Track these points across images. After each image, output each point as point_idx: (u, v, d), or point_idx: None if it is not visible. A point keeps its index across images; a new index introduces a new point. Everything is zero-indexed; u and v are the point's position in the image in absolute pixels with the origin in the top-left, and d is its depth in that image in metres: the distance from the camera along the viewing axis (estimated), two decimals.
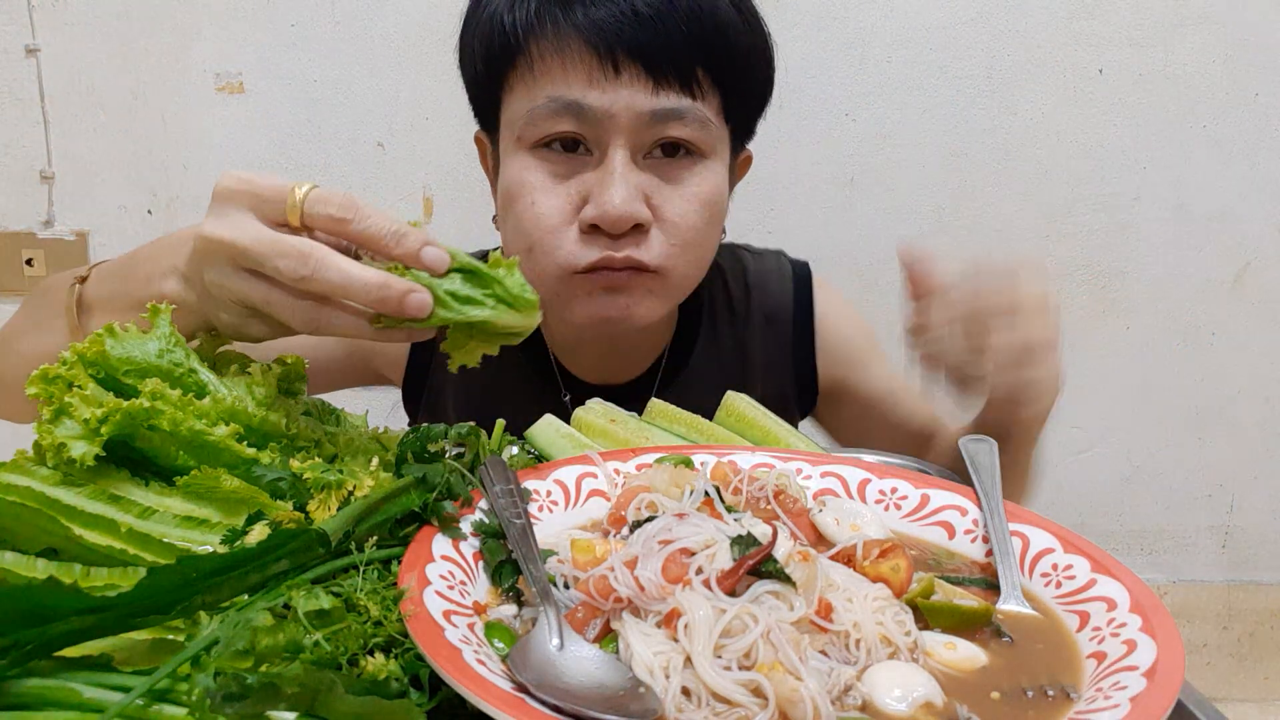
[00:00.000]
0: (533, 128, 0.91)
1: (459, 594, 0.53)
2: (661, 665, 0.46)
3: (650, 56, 0.87)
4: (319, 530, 0.53)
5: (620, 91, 0.88)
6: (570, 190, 0.91)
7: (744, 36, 0.93)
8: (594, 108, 0.88)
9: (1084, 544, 0.61)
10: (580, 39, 0.87)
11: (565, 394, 1.11)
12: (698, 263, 0.98)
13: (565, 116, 0.89)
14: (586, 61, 0.88)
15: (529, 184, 0.92)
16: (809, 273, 1.20)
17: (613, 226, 0.89)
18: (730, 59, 0.92)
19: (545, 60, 0.89)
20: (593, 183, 0.90)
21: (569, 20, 0.88)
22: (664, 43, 0.87)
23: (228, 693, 0.41)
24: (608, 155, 0.90)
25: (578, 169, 0.91)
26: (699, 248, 0.96)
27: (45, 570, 0.57)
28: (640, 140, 0.90)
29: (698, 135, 0.92)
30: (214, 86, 1.71)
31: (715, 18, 0.90)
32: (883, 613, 0.52)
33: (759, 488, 0.66)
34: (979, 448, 0.73)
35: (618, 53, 0.87)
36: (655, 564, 0.51)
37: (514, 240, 0.96)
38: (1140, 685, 0.45)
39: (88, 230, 1.76)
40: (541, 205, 0.91)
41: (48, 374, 0.67)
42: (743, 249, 1.22)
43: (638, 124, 0.89)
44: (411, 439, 0.68)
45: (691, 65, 0.89)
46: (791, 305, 1.17)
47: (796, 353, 1.17)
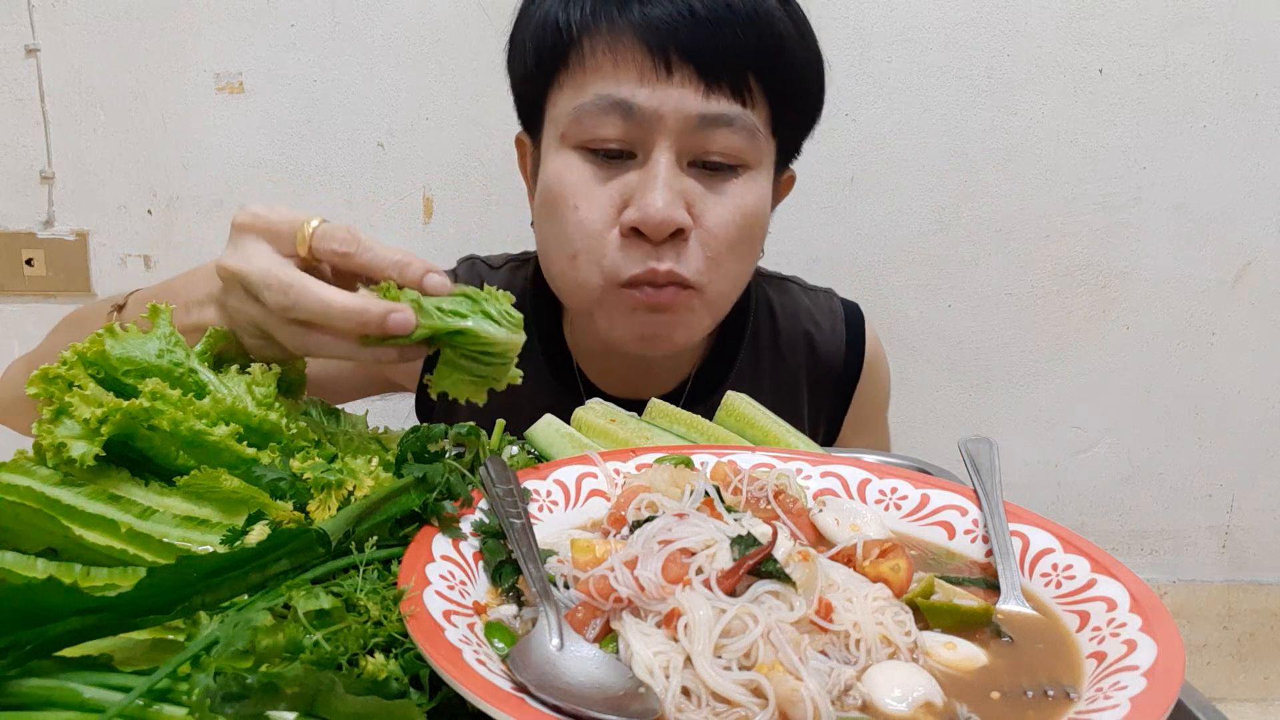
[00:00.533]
0: (578, 126, 0.90)
1: (459, 594, 0.53)
2: (661, 665, 0.46)
3: (704, 58, 0.86)
4: (319, 530, 0.53)
5: (670, 92, 0.87)
6: (612, 192, 0.90)
7: (799, 50, 0.93)
8: (643, 107, 0.87)
9: (1084, 544, 0.61)
10: (634, 36, 0.87)
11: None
12: (736, 279, 0.97)
13: (613, 115, 0.88)
14: (638, 59, 0.87)
15: (570, 184, 0.91)
16: (860, 315, 1.20)
17: (654, 231, 0.88)
18: (784, 70, 0.91)
19: (597, 57, 0.88)
20: (635, 184, 0.89)
21: (625, 17, 0.87)
22: (719, 45, 0.86)
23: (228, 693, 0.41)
24: (651, 157, 0.89)
25: (620, 171, 0.90)
26: (737, 262, 0.96)
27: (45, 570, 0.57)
28: (686, 144, 0.89)
29: (744, 145, 0.90)
30: (214, 86, 1.71)
31: (772, 27, 0.89)
32: (883, 613, 0.51)
33: (759, 488, 0.66)
34: (979, 447, 0.72)
35: (670, 52, 0.86)
36: (655, 564, 0.51)
37: (557, 246, 0.94)
38: (1140, 685, 0.45)
39: (88, 230, 1.76)
40: (584, 210, 0.90)
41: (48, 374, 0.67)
42: (794, 283, 1.22)
43: (685, 127, 0.88)
44: (411, 439, 0.68)
45: (744, 71, 0.88)
46: (843, 349, 1.17)
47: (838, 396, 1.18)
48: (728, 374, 1.12)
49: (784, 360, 1.16)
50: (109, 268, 1.78)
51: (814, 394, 1.17)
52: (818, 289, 1.23)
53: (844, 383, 1.18)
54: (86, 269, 1.77)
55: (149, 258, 1.78)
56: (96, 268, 1.78)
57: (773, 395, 1.13)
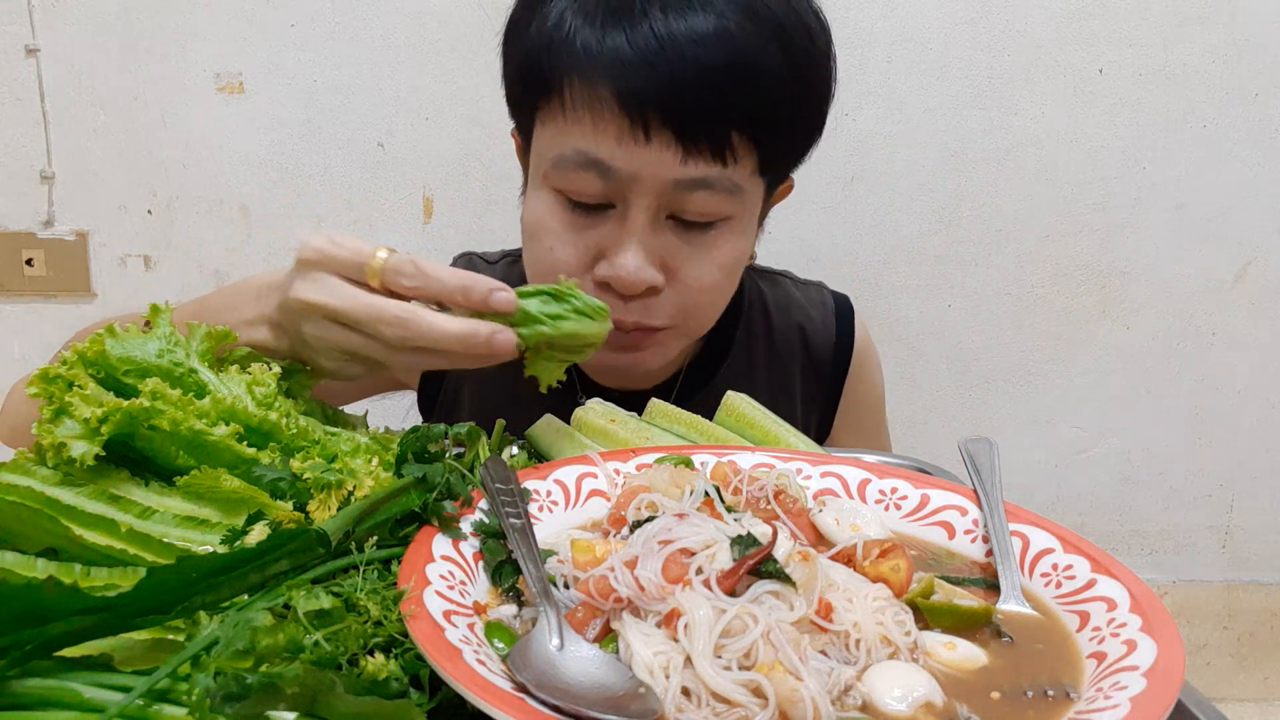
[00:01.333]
0: (558, 174, 0.89)
1: (459, 594, 0.53)
2: (661, 665, 0.46)
3: (682, 124, 0.84)
4: (319, 530, 0.53)
5: (648, 157, 0.85)
6: (589, 241, 0.90)
7: (794, 90, 0.89)
8: (620, 169, 0.86)
9: (1084, 544, 0.61)
10: (612, 94, 0.84)
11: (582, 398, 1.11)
12: (713, 315, 0.99)
13: (590, 172, 0.87)
14: (618, 121, 0.84)
15: (548, 227, 0.91)
16: (850, 307, 1.20)
17: (625, 289, 0.88)
18: (774, 119, 0.88)
19: (577, 108, 0.86)
20: (610, 238, 0.89)
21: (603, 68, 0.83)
22: (699, 110, 0.84)
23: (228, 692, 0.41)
24: (629, 215, 0.88)
25: (598, 222, 0.90)
26: (715, 305, 0.97)
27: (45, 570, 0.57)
28: (663, 203, 0.88)
29: (723, 203, 0.89)
30: (214, 86, 1.71)
31: (758, 80, 0.85)
32: (883, 613, 0.51)
33: (759, 488, 0.66)
34: (979, 447, 0.72)
35: (650, 116, 0.84)
36: (655, 564, 0.51)
37: (533, 273, 0.96)
38: (1140, 685, 0.45)
39: (88, 230, 1.76)
40: (558, 253, 0.90)
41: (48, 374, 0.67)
42: (785, 277, 1.22)
43: (662, 190, 0.87)
44: (411, 439, 0.68)
45: (726, 131, 0.85)
46: (834, 340, 1.17)
47: (830, 388, 1.18)
48: (720, 367, 1.13)
49: (778, 353, 1.16)
50: (109, 268, 1.78)
51: (807, 386, 1.18)
52: (809, 282, 1.23)
53: (835, 375, 1.18)
54: (86, 269, 1.77)
55: (149, 258, 1.78)
56: (96, 268, 1.78)
57: (767, 388, 1.13)
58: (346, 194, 1.77)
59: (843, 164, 1.82)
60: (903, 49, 1.76)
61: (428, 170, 1.78)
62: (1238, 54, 1.78)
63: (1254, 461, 2.03)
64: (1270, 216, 1.88)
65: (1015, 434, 1.97)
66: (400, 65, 1.72)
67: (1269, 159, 1.84)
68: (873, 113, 1.79)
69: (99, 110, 1.70)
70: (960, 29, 1.76)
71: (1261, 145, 1.83)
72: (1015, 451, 1.97)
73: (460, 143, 1.76)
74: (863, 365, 1.19)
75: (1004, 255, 1.88)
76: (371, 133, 1.75)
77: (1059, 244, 1.88)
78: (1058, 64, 1.78)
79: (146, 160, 1.73)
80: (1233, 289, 1.92)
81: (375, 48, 1.71)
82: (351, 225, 1.79)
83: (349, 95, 1.73)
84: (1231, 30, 1.77)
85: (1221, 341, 1.95)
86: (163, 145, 1.73)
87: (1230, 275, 1.91)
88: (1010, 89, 1.79)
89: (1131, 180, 1.84)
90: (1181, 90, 1.80)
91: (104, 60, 1.68)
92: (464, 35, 1.71)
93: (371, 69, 1.72)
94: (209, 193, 1.76)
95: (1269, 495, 2.06)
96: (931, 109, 1.79)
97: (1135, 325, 1.93)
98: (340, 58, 1.71)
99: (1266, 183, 1.86)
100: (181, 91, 1.71)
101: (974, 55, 1.77)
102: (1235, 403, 1.99)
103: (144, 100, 1.70)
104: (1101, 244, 1.88)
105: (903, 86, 1.78)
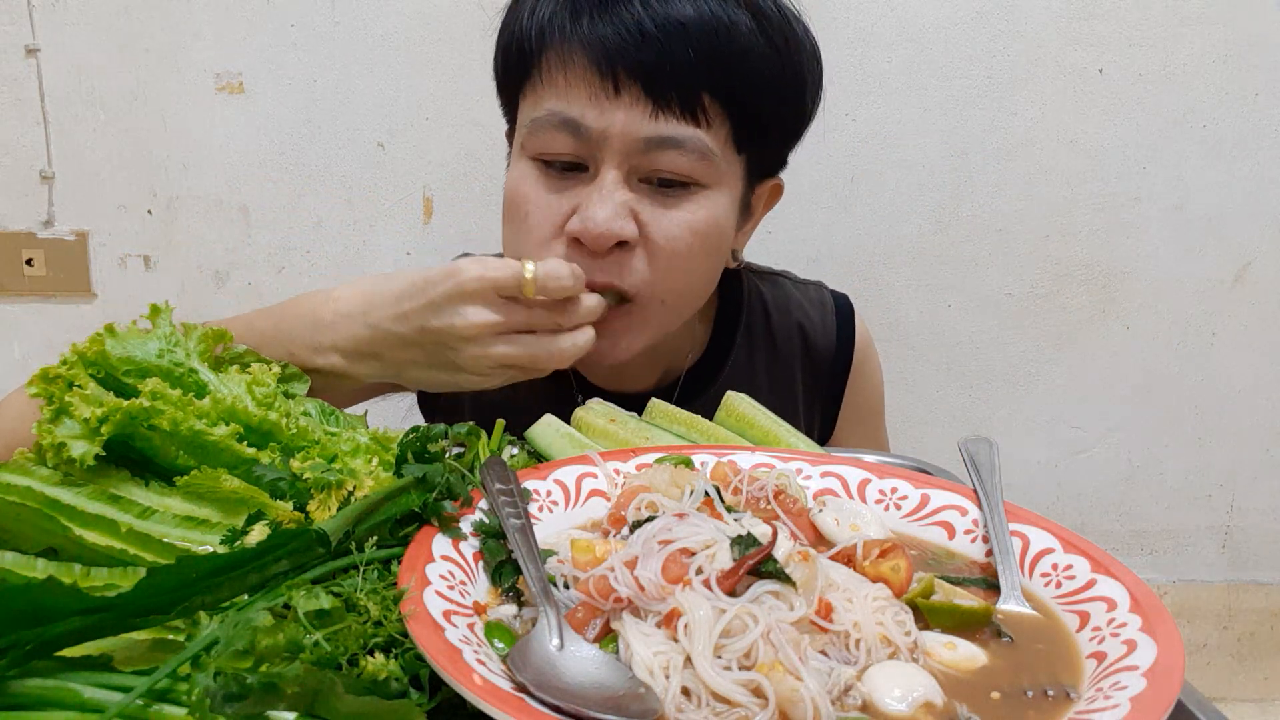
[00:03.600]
0: (534, 138, 0.91)
1: (459, 594, 0.52)
2: (661, 665, 0.46)
3: (650, 77, 0.85)
4: (319, 530, 0.53)
5: (618, 113, 0.86)
6: (563, 203, 0.90)
7: (767, 64, 0.89)
8: (590, 127, 0.87)
9: (1084, 544, 0.61)
10: (584, 54, 0.86)
11: (580, 398, 1.11)
12: (685, 292, 0.96)
13: (563, 132, 0.88)
14: (588, 77, 0.86)
15: (523, 194, 0.92)
16: (850, 307, 1.20)
17: (594, 242, 0.87)
18: (747, 86, 0.89)
19: (552, 72, 0.89)
20: (583, 196, 0.89)
21: (576, 34, 0.87)
22: (667, 63, 0.84)
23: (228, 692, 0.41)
24: (600, 172, 0.89)
25: (572, 184, 0.91)
26: (685, 275, 0.94)
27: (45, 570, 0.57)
28: (635, 163, 0.89)
29: (694, 166, 0.88)
30: (214, 86, 1.71)
31: (732, 42, 0.86)
32: (883, 613, 0.51)
33: (759, 488, 0.66)
34: (979, 447, 0.72)
35: (619, 70, 0.85)
36: (655, 564, 0.51)
37: (510, 252, 0.96)
38: (1140, 685, 0.45)
39: (88, 230, 1.76)
40: (533, 217, 0.91)
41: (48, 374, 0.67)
42: (785, 277, 1.22)
43: (632, 149, 0.87)
44: (411, 439, 0.68)
45: (696, 90, 0.86)
46: (834, 340, 1.17)
47: (831, 387, 1.18)
48: (722, 368, 1.12)
49: (779, 353, 1.16)
50: (109, 268, 1.78)
51: (808, 387, 1.17)
52: (808, 282, 1.23)
53: (836, 374, 1.18)
54: (86, 269, 1.77)
55: (149, 258, 1.78)
56: (96, 268, 1.78)
57: (769, 389, 1.13)
58: (346, 194, 1.78)
59: (843, 164, 1.82)
60: (903, 48, 1.77)
61: (428, 170, 1.78)
62: (1238, 54, 1.78)
63: (1254, 461, 2.03)
64: (1270, 216, 1.88)
65: (1015, 434, 1.97)
66: (400, 65, 1.72)
67: (1269, 159, 1.84)
68: (873, 113, 1.79)
69: (99, 110, 1.70)
70: (960, 29, 1.76)
71: (1261, 145, 1.83)
72: (1015, 451, 1.97)
73: (460, 143, 1.76)
74: (864, 364, 1.19)
75: (1004, 255, 1.88)
76: (371, 133, 1.75)
77: (1059, 244, 1.88)
78: (1058, 64, 1.78)
79: (146, 160, 1.73)
80: (1233, 289, 1.92)
81: (375, 48, 1.71)
82: (352, 225, 1.79)
83: (349, 95, 1.73)
84: (1231, 30, 1.77)
85: (1221, 341, 1.95)
86: (163, 145, 1.73)
87: (1230, 275, 1.91)
88: (1010, 89, 1.79)
89: (1131, 180, 1.84)
90: (1181, 90, 1.80)
91: (104, 60, 1.68)
92: (464, 35, 1.71)
93: (371, 69, 1.72)
94: (209, 193, 1.76)
95: (1269, 495, 2.06)
96: (931, 109, 1.79)
97: (1135, 325, 1.93)
98: (340, 58, 1.71)
99: (1266, 183, 1.86)
100: (181, 91, 1.71)
101: (974, 55, 1.77)
102: (1235, 403, 1.99)
103: (144, 100, 1.70)
104: (1101, 244, 1.88)
105: (903, 86, 1.78)
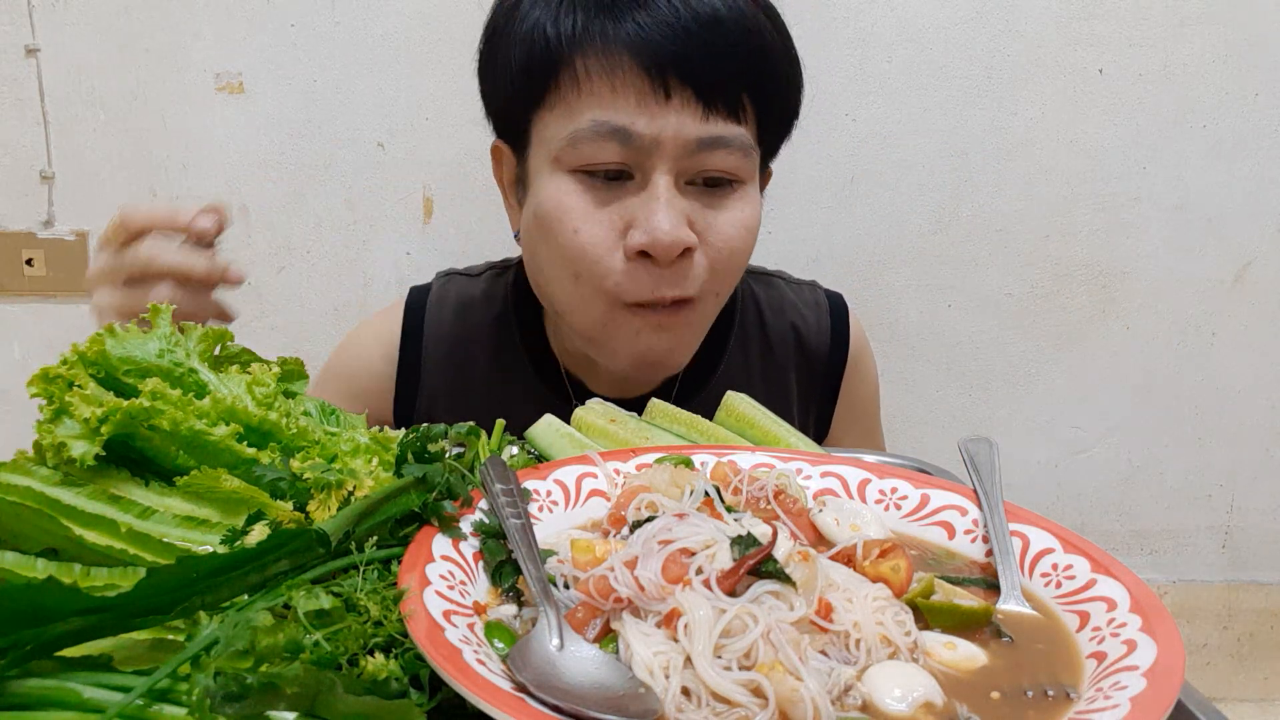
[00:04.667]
0: (573, 151, 0.88)
1: (459, 594, 0.52)
2: (661, 665, 0.46)
3: (701, 80, 0.85)
4: (319, 530, 0.53)
5: (669, 118, 0.85)
6: (613, 216, 0.89)
7: (782, 60, 0.92)
8: (642, 134, 0.85)
9: (1084, 544, 0.61)
10: (630, 57, 0.84)
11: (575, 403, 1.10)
12: (730, 289, 0.98)
13: (610, 142, 0.86)
14: (636, 83, 0.84)
15: (569, 208, 0.89)
16: (845, 307, 1.20)
17: (664, 253, 0.87)
18: (771, 83, 0.91)
19: (592, 79, 0.86)
20: (636, 208, 0.88)
21: (620, 35, 0.84)
22: (715, 65, 0.85)
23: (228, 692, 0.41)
24: (651, 181, 0.87)
25: (619, 194, 0.89)
26: (736, 273, 0.96)
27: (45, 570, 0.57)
28: (684, 166, 0.88)
29: (740, 163, 0.90)
30: (214, 86, 1.71)
31: (761, 39, 0.88)
32: (883, 613, 0.51)
33: (759, 488, 0.66)
34: (979, 447, 0.72)
35: (669, 74, 0.84)
36: (655, 564, 0.51)
37: (557, 267, 0.93)
38: (1140, 685, 0.45)
39: (88, 230, 1.76)
40: (585, 233, 0.89)
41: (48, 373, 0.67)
42: (779, 277, 1.22)
43: (684, 152, 0.87)
44: (412, 439, 0.68)
45: (739, 90, 0.87)
46: (828, 340, 1.17)
47: (825, 388, 1.17)
48: (716, 370, 1.12)
49: (773, 354, 1.16)
50: None
51: (803, 387, 1.17)
52: (802, 282, 1.23)
53: (830, 375, 1.17)
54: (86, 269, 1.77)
55: None
56: None
57: (763, 390, 1.13)
58: (346, 194, 1.77)
59: (843, 164, 1.81)
60: (903, 48, 1.76)
61: (428, 170, 1.77)
62: (1238, 54, 1.78)
63: (1254, 461, 2.03)
64: (1270, 216, 1.88)
65: (1015, 434, 1.97)
66: (400, 65, 1.72)
67: (1269, 159, 1.84)
68: (873, 113, 1.79)
69: (99, 110, 1.70)
70: (960, 29, 1.76)
71: (1261, 145, 1.83)
72: (1015, 451, 1.97)
73: (460, 143, 1.76)
74: (858, 363, 1.19)
75: (1004, 255, 1.88)
76: (371, 133, 1.75)
77: (1059, 244, 1.88)
78: (1058, 64, 1.78)
79: (146, 160, 1.73)
80: (1233, 289, 1.92)
81: (375, 48, 1.71)
82: (351, 225, 1.79)
83: (349, 95, 1.73)
84: (1231, 30, 1.77)
85: (1221, 341, 1.95)
86: (163, 145, 1.73)
87: (1230, 275, 1.91)
88: (1010, 89, 1.79)
89: (1131, 180, 1.84)
90: (1181, 90, 1.80)
91: (104, 60, 1.68)
92: (464, 35, 1.69)
93: (371, 69, 1.72)
94: (209, 193, 1.76)
95: (1269, 495, 2.06)
96: (931, 109, 1.79)
97: (1135, 325, 1.93)
98: (340, 58, 1.71)
99: (1266, 183, 1.85)
100: (181, 91, 1.70)
101: (974, 55, 1.77)
102: (1235, 403, 1.98)
103: (144, 100, 1.70)
104: (1101, 244, 1.88)
105: (903, 86, 1.78)
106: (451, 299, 1.16)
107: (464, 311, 1.15)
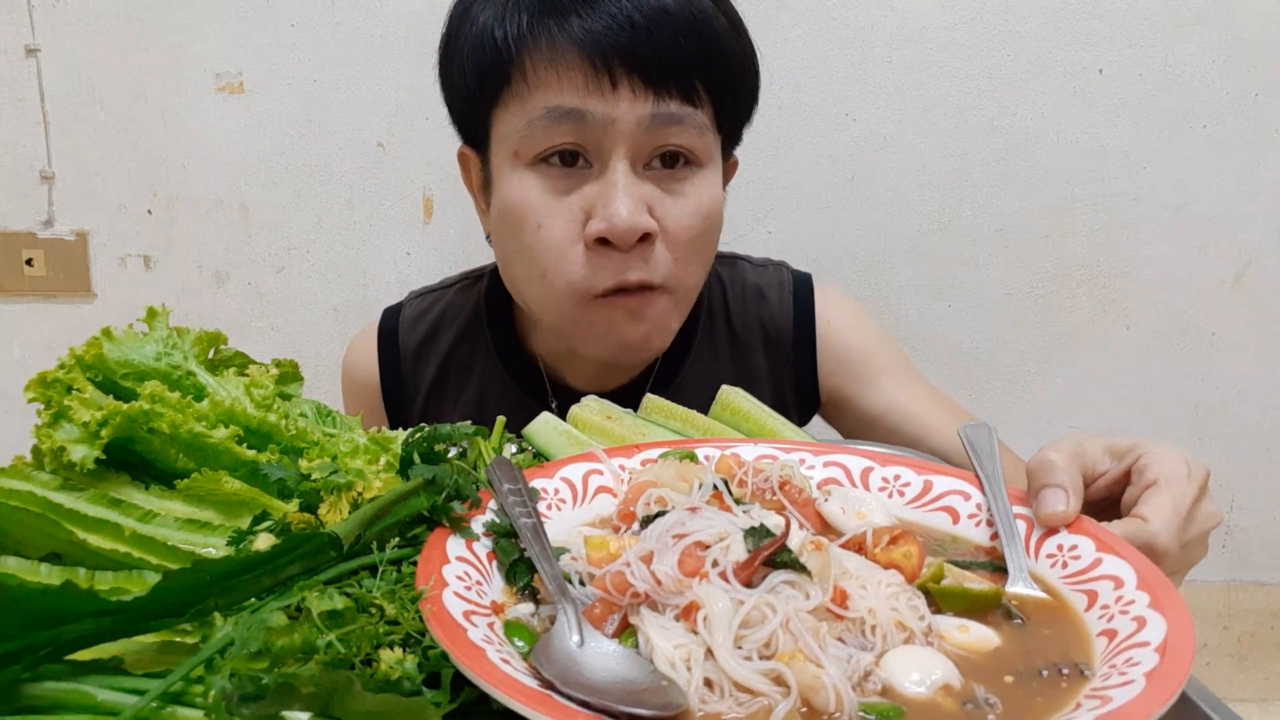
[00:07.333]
0: (530, 141, 0.89)
1: (476, 594, 0.52)
2: (683, 658, 0.46)
3: (650, 71, 0.86)
4: (331, 534, 0.53)
5: (621, 103, 0.87)
6: (573, 205, 0.89)
7: (734, 45, 0.93)
8: (594, 114, 0.86)
9: (1088, 523, 0.61)
10: (575, 51, 0.85)
11: (553, 402, 1.10)
12: (701, 273, 0.98)
13: (564, 126, 0.87)
14: (583, 72, 0.86)
15: (530, 204, 0.90)
16: (810, 284, 1.18)
17: (621, 239, 0.87)
18: (724, 69, 0.91)
19: (539, 73, 0.87)
20: (595, 195, 0.89)
21: (564, 32, 0.85)
22: (661, 54, 0.86)
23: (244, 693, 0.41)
24: (609, 166, 0.88)
25: (578, 182, 0.90)
26: (699, 259, 0.96)
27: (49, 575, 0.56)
28: (640, 148, 0.89)
29: (696, 143, 0.90)
30: (214, 86, 1.70)
31: (709, 27, 0.89)
32: (896, 598, 0.52)
33: (764, 479, 0.66)
34: (978, 432, 0.72)
35: (614, 65, 0.85)
36: (671, 558, 0.51)
37: (525, 266, 0.94)
38: (1153, 660, 0.46)
39: (88, 230, 1.75)
40: (547, 227, 0.90)
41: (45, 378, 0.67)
42: (743, 260, 1.21)
43: (638, 130, 0.87)
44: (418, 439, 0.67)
45: (689, 76, 0.88)
46: (791, 317, 1.15)
47: (797, 365, 1.15)
48: (686, 357, 1.12)
49: (738, 337, 1.15)
50: (109, 268, 1.78)
51: (772, 369, 1.15)
52: (767, 262, 1.21)
53: (799, 354, 1.15)
54: (86, 269, 1.77)
55: (149, 258, 1.78)
56: (96, 268, 1.77)
57: (732, 373, 1.12)
58: (346, 194, 1.77)
59: (843, 164, 1.82)
60: (903, 49, 1.77)
61: (428, 170, 1.77)
62: (1238, 54, 1.78)
63: (1254, 461, 2.03)
64: (1270, 217, 1.88)
65: (1015, 434, 1.96)
66: (400, 65, 1.72)
67: (1269, 159, 1.84)
68: (873, 113, 1.79)
69: (99, 110, 1.70)
70: (960, 29, 1.76)
71: (1261, 145, 1.83)
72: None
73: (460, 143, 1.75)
74: (830, 336, 1.14)
75: (1004, 255, 1.88)
76: (371, 133, 1.75)
77: (1059, 244, 1.88)
78: (1058, 64, 1.78)
79: (146, 160, 1.72)
80: (1232, 289, 1.92)
81: (375, 48, 1.71)
82: (351, 225, 1.79)
83: (349, 95, 1.72)
84: (1231, 30, 1.77)
85: (1221, 341, 1.95)
86: (163, 145, 1.72)
87: (1230, 275, 1.91)
88: (1010, 89, 1.79)
89: (1131, 180, 1.85)
90: (1181, 90, 1.80)
91: (104, 60, 1.67)
92: None
93: (371, 69, 1.71)
94: (209, 193, 1.75)
95: (1269, 495, 2.06)
96: (931, 109, 1.80)
97: (1135, 325, 1.93)
98: (340, 58, 1.71)
99: (1266, 183, 1.86)
100: (181, 91, 1.70)
101: (974, 55, 1.77)
102: (1235, 403, 1.99)
103: (144, 100, 1.70)
104: (1101, 244, 1.88)
105: (903, 86, 1.78)
106: (421, 314, 1.18)
107: (436, 324, 1.17)
